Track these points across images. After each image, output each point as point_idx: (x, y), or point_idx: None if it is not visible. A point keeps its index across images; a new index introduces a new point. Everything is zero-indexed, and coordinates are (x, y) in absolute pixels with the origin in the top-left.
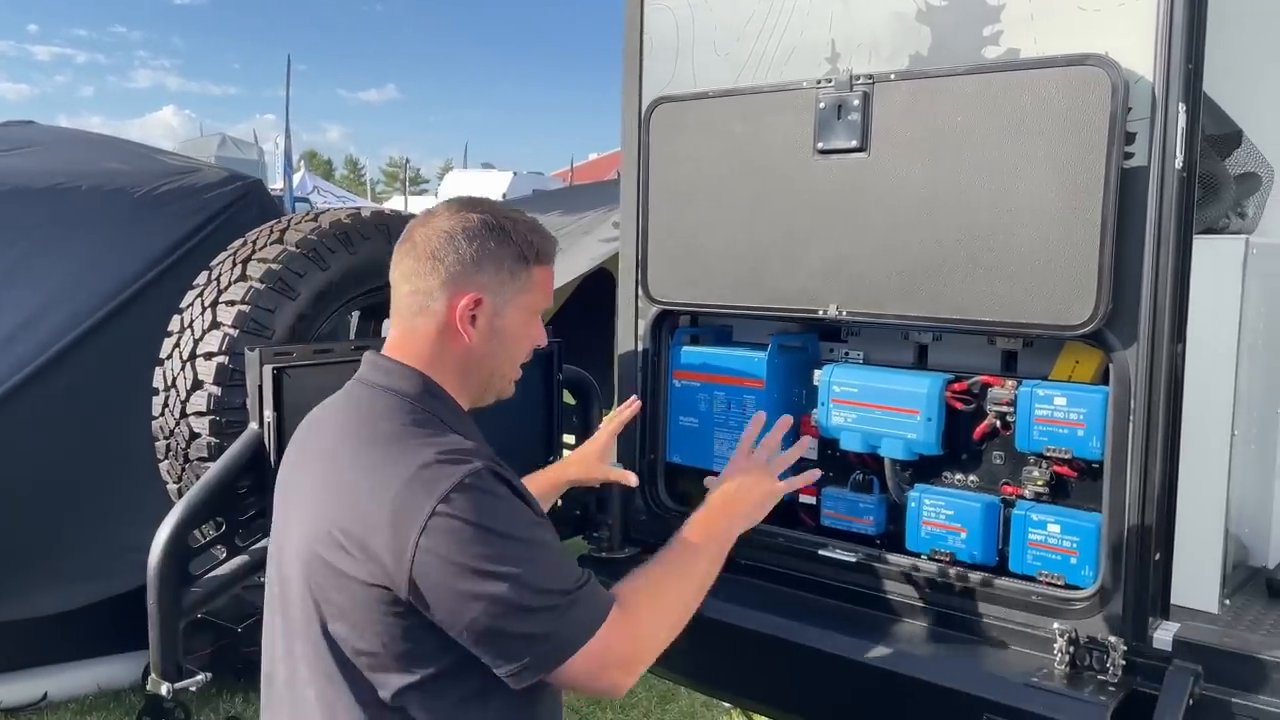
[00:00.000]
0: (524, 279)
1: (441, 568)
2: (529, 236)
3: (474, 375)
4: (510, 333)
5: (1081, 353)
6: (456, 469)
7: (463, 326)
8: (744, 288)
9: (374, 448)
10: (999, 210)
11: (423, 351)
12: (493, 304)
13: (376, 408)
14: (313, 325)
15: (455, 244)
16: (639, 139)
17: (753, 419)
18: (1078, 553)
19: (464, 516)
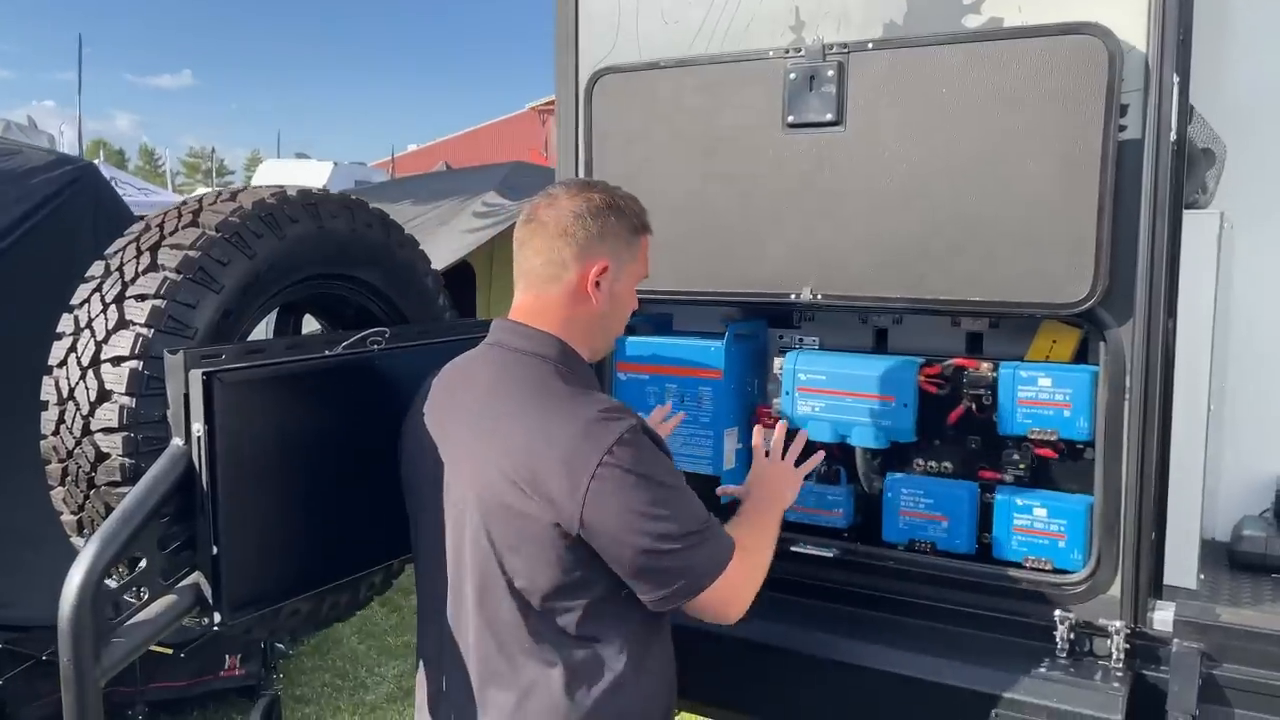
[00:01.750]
0: (636, 248)
1: (609, 508)
2: (637, 210)
3: (597, 334)
4: (623, 296)
5: (1059, 332)
6: (617, 425)
7: (592, 292)
8: (703, 272)
9: (538, 405)
10: (988, 186)
11: (556, 316)
12: (615, 271)
13: (524, 370)
14: (239, 322)
15: (584, 221)
16: (577, 114)
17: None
18: (1066, 536)
19: (626, 466)
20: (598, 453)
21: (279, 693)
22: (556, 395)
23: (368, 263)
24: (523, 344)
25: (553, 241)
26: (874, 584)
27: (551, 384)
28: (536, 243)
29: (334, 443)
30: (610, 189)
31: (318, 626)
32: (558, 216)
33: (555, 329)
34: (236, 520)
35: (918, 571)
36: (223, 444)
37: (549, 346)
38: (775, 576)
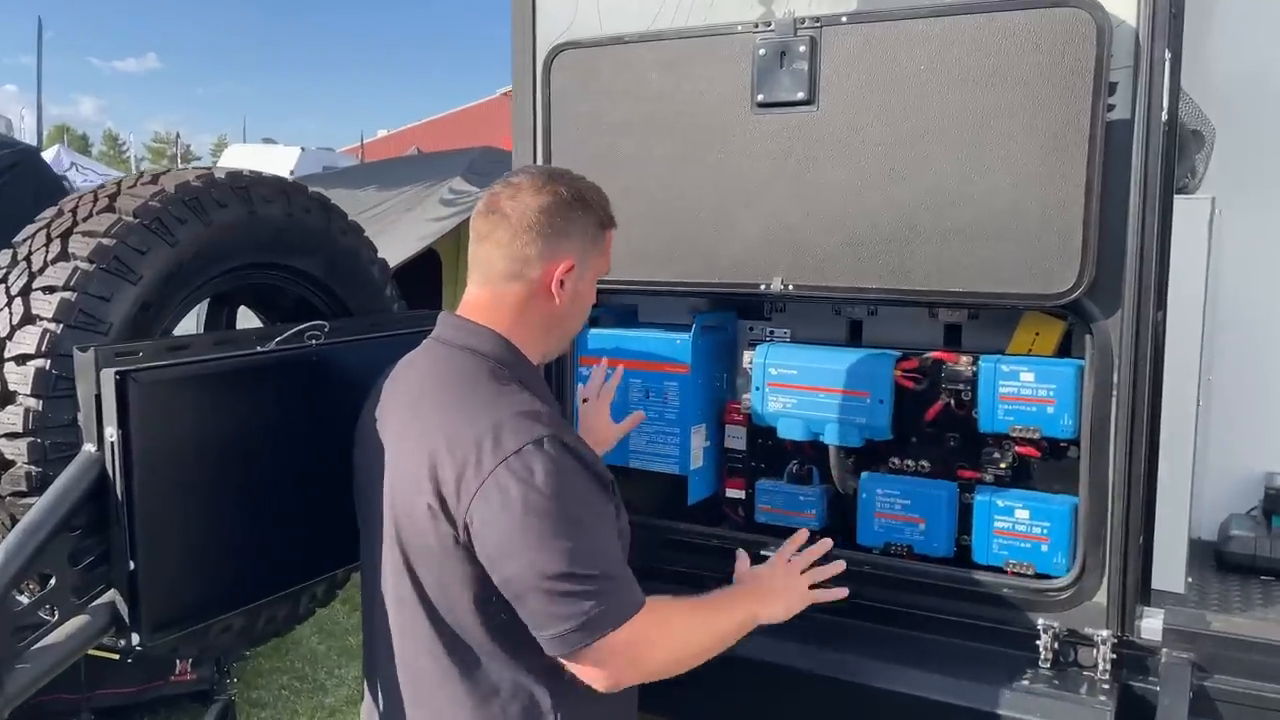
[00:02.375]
0: (601, 243)
1: (493, 525)
2: (603, 203)
3: (554, 333)
4: (585, 294)
5: (1042, 324)
6: (527, 430)
7: (556, 291)
8: (667, 261)
9: (455, 403)
10: (968, 170)
11: (507, 313)
12: (579, 270)
13: (457, 366)
14: (160, 316)
15: (550, 217)
16: (534, 92)
17: (793, 537)
18: (1049, 539)
19: (524, 478)
20: (495, 458)
21: (233, 697)
22: (479, 394)
23: (306, 251)
24: (462, 339)
25: (516, 237)
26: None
27: (480, 383)
28: (499, 236)
29: (268, 447)
30: (576, 180)
31: (253, 643)
32: (522, 211)
33: (505, 326)
34: (155, 533)
35: (893, 576)
36: (139, 450)
37: (489, 343)
38: None
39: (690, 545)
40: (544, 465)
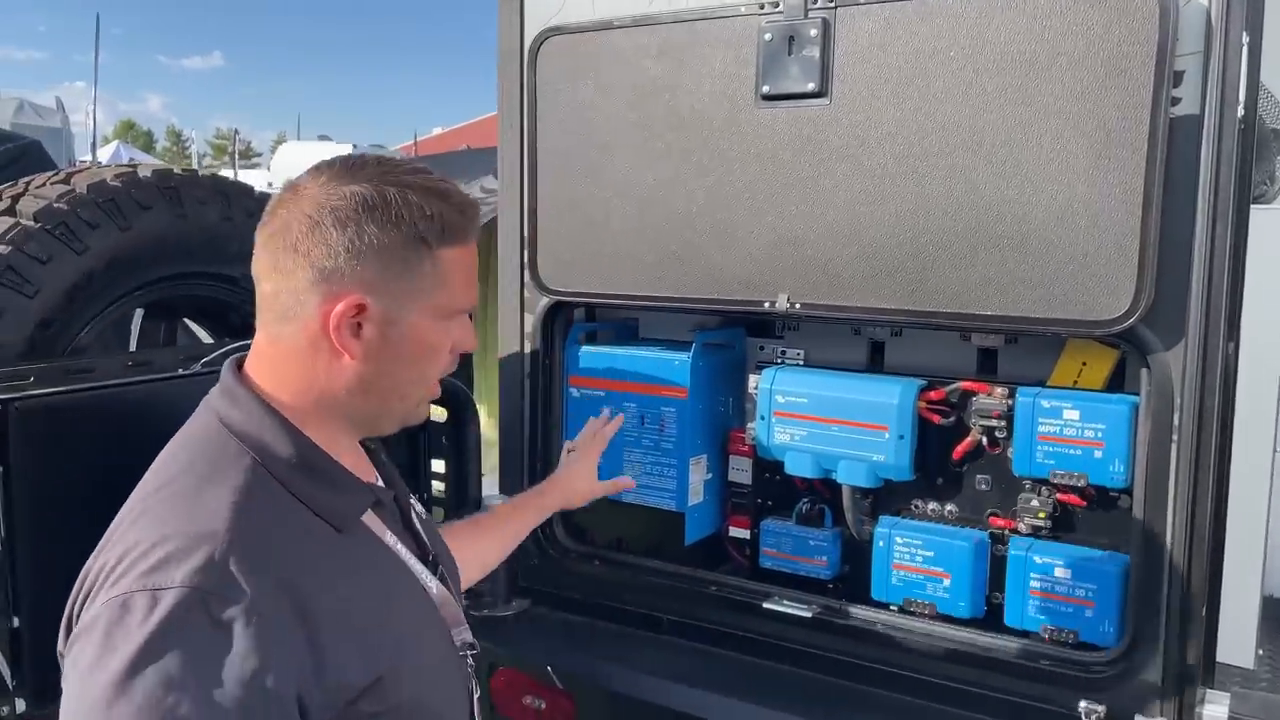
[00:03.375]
0: (426, 271)
1: (67, 691)
2: (429, 209)
3: (364, 401)
4: (414, 344)
5: (1090, 352)
6: (162, 573)
7: (340, 341)
8: (663, 274)
9: (149, 492)
10: (1005, 173)
11: (288, 368)
12: (383, 309)
13: (191, 437)
14: (64, 334)
15: (322, 230)
16: (522, 83)
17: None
18: (1095, 603)
19: (107, 631)
20: (109, 590)
21: None
22: (178, 486)
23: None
24: (220, 400)
25: (282, 256)
26: (859, 651)
27: (197, 469)
28: (264, 256)
29: None
30: (387, 174)
31: None
32: (289, 219)
33: (286, 387)
34: (43, 584)
35: (912, 639)
36: (22, 488)
37: (243, 410)
38: (743, 636)
39: (686, 592)
40: (144, 634)
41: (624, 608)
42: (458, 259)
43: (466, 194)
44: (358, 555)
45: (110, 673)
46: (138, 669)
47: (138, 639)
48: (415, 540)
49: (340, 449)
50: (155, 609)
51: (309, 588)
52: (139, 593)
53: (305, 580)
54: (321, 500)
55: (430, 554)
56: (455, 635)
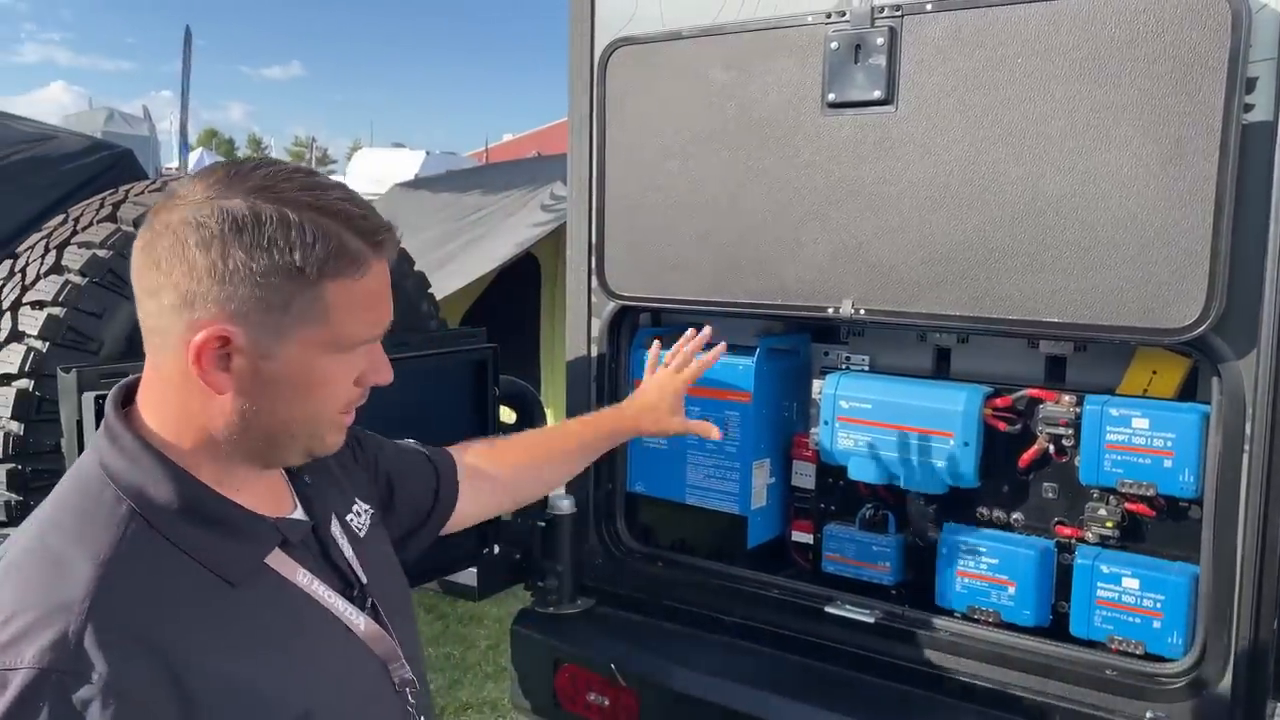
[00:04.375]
0: (308, 303)
1: None
2: (311, 235)
3: (246, 439)
4: (296, 380)
5: (1161, 360)
6: (4, 654)
7: (204, 375)
8: (728, 279)
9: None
10: (1073, 180)
11: (168, 401)
12: (252, 342)
13: (69, 486)
14: None
15: (185, 250)
16: (592, 92)
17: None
18: (1163, 614)
19: None
20: None
21: None
22: (47, 543)
23: None
24: (105, 450)
25: (147, 273)
26: (921, 657)
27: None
28: (136, 268)
29: None
30: (271, 190)
31: None
32: (163, 231)
33: (170, 428)
34: None
35: (975, 646)
36: None
37: (122, 453)
38: (805, 640)
39: (748, 595)
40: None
41: (687, 609)
42: (348, 290)
43: (375, 216)
44: (255, 608)
45: None
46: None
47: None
48: (338, 573)
49: (238, 483)
50: (4, 691)
51: (187, 658)
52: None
53: (182, 649)
54: (210, 551)
55: (358, 586)
56: (392, 673)
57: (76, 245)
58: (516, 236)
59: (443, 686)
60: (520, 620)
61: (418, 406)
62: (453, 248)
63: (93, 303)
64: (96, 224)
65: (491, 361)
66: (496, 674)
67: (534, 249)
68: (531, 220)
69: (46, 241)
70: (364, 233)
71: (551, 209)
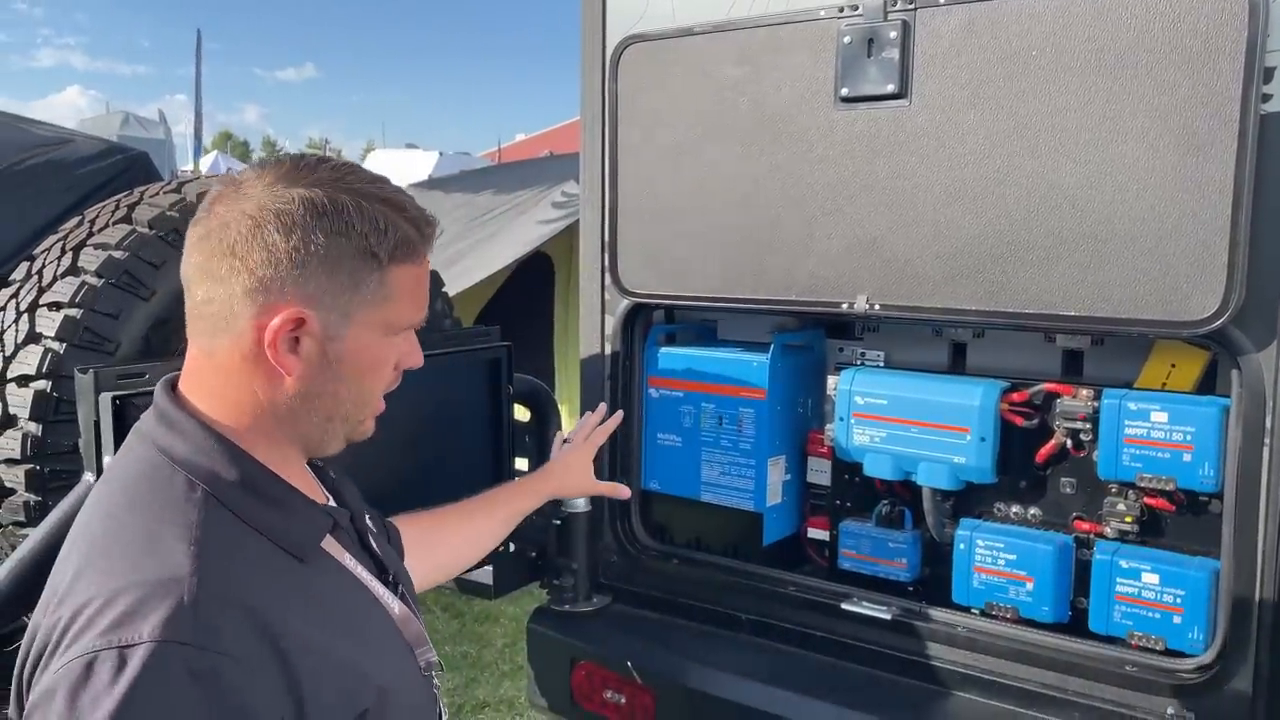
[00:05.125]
0: (374, 286)
1: None
2: (382, 221)
3: (305, 421)
4: (356, 362)
5: (1179, 353)
6: (118, 631)
7: (277, 357)
8: (742, 275)
9: (96, 543)
10: (1089, 173)
11: (223, 387)
12: (324, 324)
13: (132, 478)
14: (177, 334)
15: (264, 235)
16: (604, 89)
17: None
18: (1183, 609)
19: (77, 707)
20: (66, 654)
21: None
22: (127, 535)
23: None
24: (155, 429)
25: (216, 260)
26: (938, 654)
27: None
28: (196, 258)
29: None
30: (339, 180)
31: None
32: (227, 220)
33: (221, 408)
34: None
35: (994, 642)
36: None
37: (186, 439)
38: (821, 637)
39: (764, 592)
40: (117, 697)
41: (703, 606)
42: (408, 275)
43: (423, 209)
44: (324, 585)
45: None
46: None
47: (109, 704)
48: (374, 560)
49: (291, 471)
50: (125, 668)
51: (282, 627)
52: (104, 651)
53: (277, 619)
54: (279, 530)
55: (390, 573)
56: (419, 656)
57: (92, 247)
58: (528, 235)
59: (459, 684)
60: (536, 618)
61: (434, 405)
62: (464, 246)
63: (109, 304)
64: (112, 226)
65: (506, 360)
66: (513, 672)
67: (546, 247)
68: (543, 218)
69: (63, 244)
70: (419, 223)
71: (563, 206)
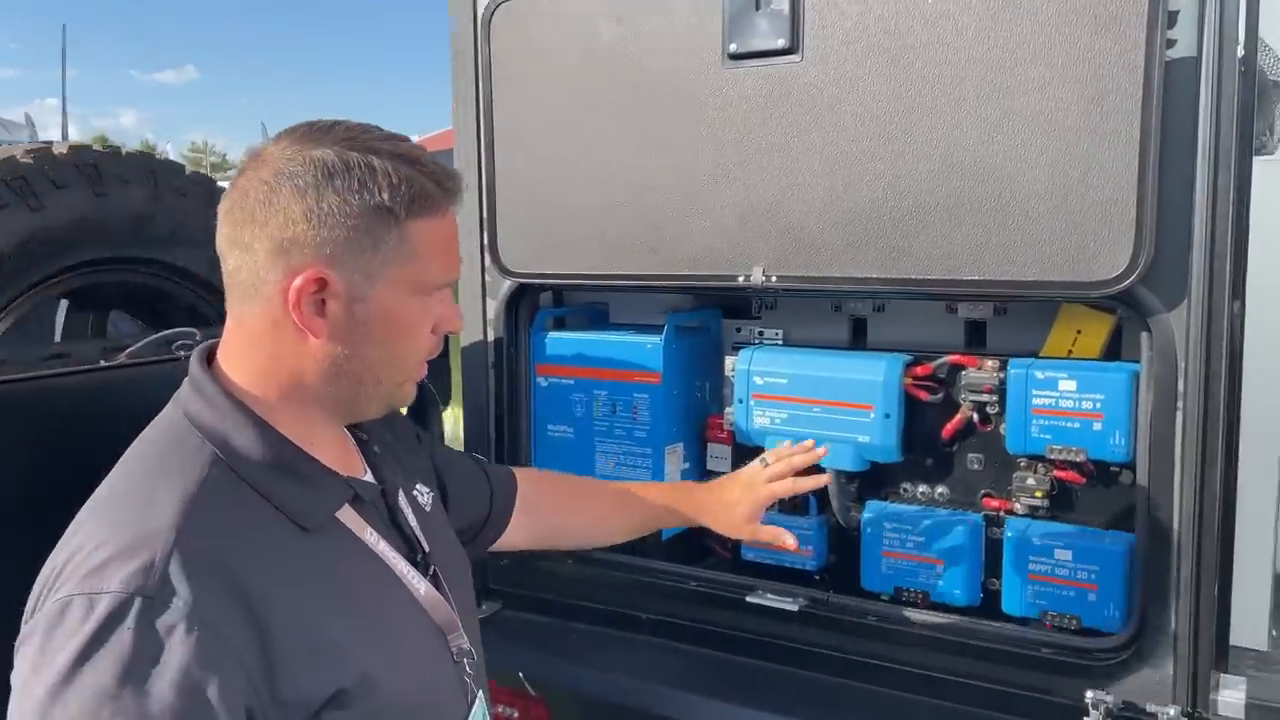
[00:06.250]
0: (394, 244)
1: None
2: (396, 176)
3: (335, 386)
4: (385, 322)
5: (1084, 319)
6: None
7: (302, 319)
8: (630, 251)
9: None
10: (991, 129)
11: (254, 354)
12: (346, 284)
13: (153, 435)
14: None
15: (279, 197)
16: (476, 56)
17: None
18: (1098, 586)
19: (41, 639)
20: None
21: None
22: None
23: (187, 244)
24: (185, 392)
25: (242, 228)
26: (849, 645)
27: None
28: (225, 228)
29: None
30: (356, 139)
31: None
32: (247, 187)
33: (252, 374)
34: None
35: (905, 630)
36: None
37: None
38: (725, 634)
39: (665, 589)
40: (79, 641)
41: (599, 608)
42: (430, 230)
43: (446, 165)
44: (325, 555)
45: (46, 681)
46: (71, 677)
47: (72, 646)
48: (403, 537)
49: (317, 439)
50: (91, 614)
51: (263, 592)
52: (77, 596)
53: (259, 584)
54: (286, 498)
55: (421, 553)
56: (451, 641)
57: None
58: None
59: None
60: None
61: None
62: None
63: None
64: None
65: None
66: None
67: None
68: None
69: None
70: (438, 176)
71: None
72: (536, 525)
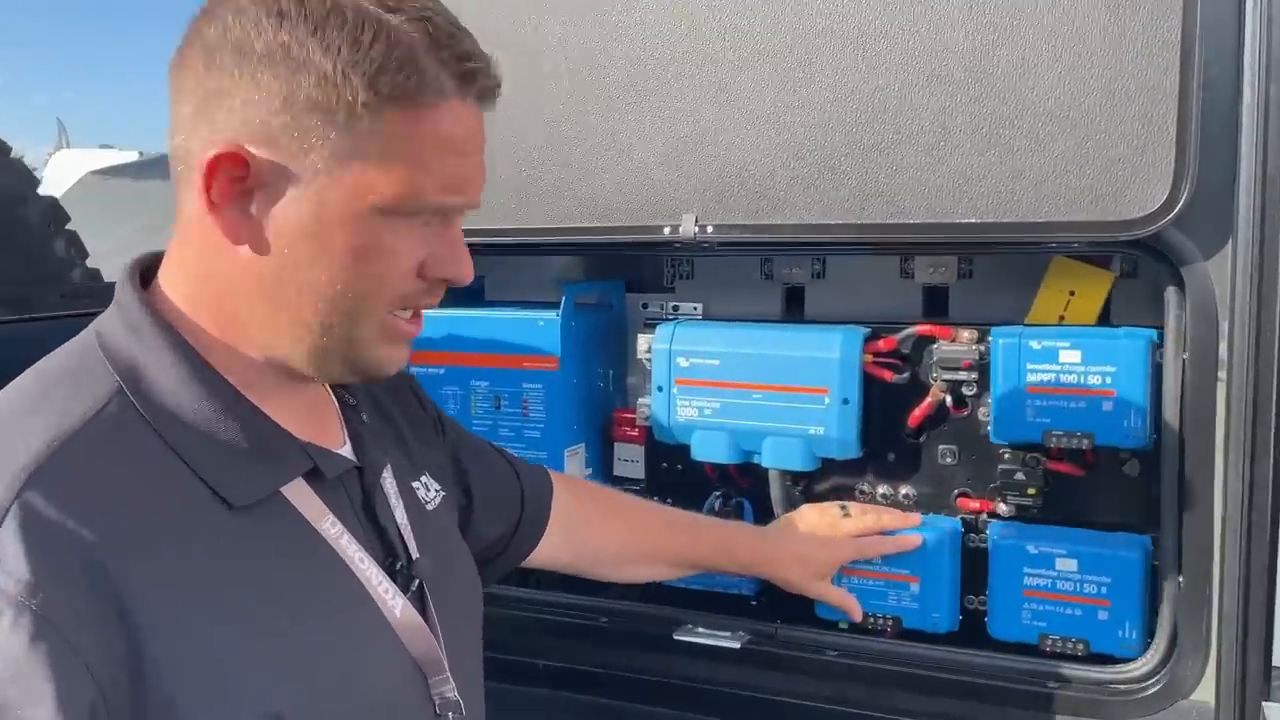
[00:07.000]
0: (355, 130)
1: None
2: (373, 33)
3: (269, 323)
4: (333, 238)
5: (1079, 277)
6: None
7: (217, 216)
8: (524, 200)
9: None
10: (986, 35)
11: (185, 264)
12: (280, 172)
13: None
14: None
15: (206, 34)
16: None
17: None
18: (1110, 601)
19: None
20: None
21: None
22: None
23: None
24: (105, 318)
25: (175, 74)
26: (803, 688)
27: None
28: (174, 85)
29: None
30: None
31: None
32: (201, 21)
33: (188, 300)
34: None
35: (872, 666)
36: None
37: (132, 334)
38: (650, 681)
39: (568, 628)
40: None
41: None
42: (417, 125)
43: (472, 42)
44: (255, 545)
45: None
46: None
47: None
48: (378, 535)
49: (270, 390)
50: None
51: (142, 587)
52: None
53: (139, 576)
54: (208, 459)
55: (402, 560)
56: (432, 687)
57: None
58: None
59: None
60: None
61: None
62: None
63: None
64: None
65: None
66: None
67: None
68: None
69: None
70: (449, 54)
71: None
72: (573, 545)
